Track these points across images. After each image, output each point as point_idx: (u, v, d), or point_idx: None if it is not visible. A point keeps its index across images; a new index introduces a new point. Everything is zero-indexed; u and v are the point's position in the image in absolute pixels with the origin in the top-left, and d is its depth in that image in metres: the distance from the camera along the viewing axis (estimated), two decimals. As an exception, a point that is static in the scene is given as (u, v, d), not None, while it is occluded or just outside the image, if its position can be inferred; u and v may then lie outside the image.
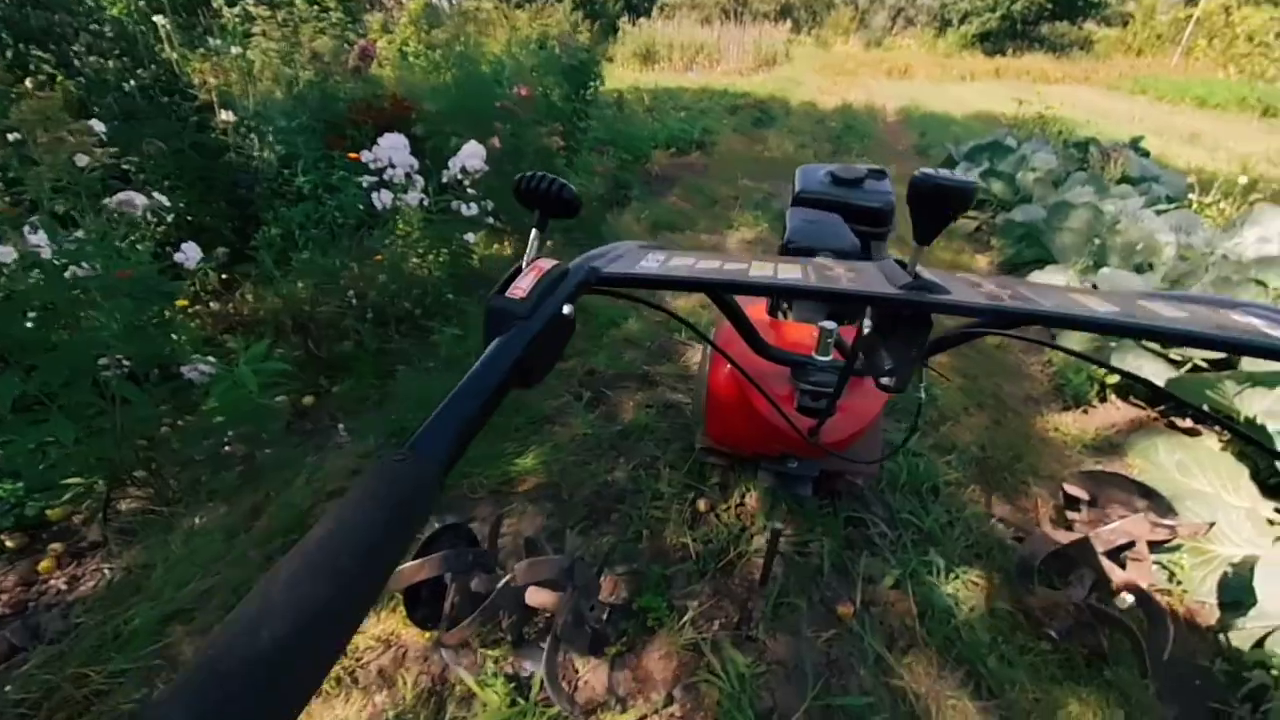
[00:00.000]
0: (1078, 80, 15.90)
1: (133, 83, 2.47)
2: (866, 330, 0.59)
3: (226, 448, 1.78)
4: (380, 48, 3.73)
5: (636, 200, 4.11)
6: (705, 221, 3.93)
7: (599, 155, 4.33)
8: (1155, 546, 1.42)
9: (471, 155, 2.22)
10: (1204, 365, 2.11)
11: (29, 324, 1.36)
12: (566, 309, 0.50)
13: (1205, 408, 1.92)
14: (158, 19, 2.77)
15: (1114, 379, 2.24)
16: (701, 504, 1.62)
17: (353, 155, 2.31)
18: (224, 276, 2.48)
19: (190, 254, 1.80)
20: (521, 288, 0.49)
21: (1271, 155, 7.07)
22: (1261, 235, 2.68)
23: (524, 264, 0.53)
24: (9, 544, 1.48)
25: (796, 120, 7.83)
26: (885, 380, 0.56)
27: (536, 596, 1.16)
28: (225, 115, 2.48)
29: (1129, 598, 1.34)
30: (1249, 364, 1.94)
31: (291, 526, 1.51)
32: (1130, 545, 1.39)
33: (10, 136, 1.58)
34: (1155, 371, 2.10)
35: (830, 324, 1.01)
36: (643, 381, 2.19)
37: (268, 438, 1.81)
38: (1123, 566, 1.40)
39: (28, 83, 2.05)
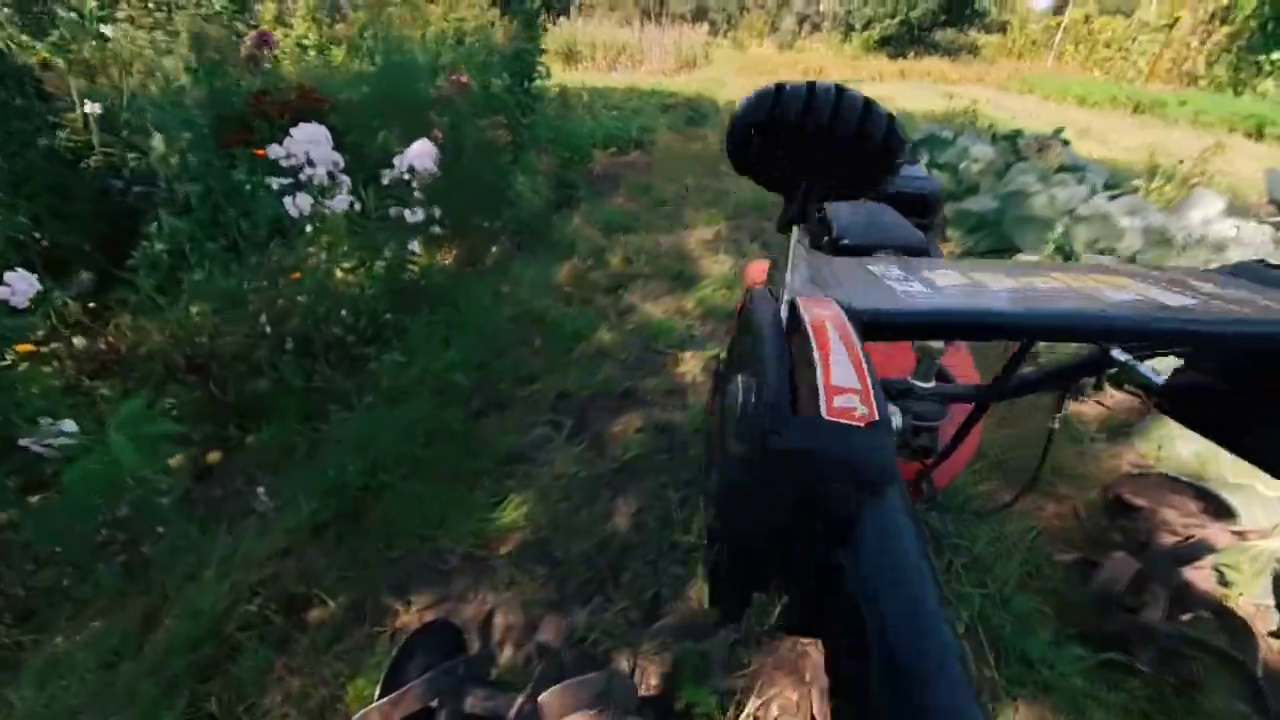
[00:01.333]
0: (973, 81, 17.03)
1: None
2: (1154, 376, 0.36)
3: (102, 532, 1.35)
4: (276, 39, 3.25)
5: (584, 201, 3.82)
6: (659, 222, 3.70)
7: (540, 154, 4.02)
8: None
9: (422, 155, 1.87)
10: None
11: None
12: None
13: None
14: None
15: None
16: (726, 549, 1.37)
17: (259, 151, 1.89)
18: (91, 305, 1.98)
19: (20, 287, 1.23)
20: (854, 387, 0.21)
21: (1151, 146, 7.77)
22: (1204, 216, 2.77)
23: (782, 307, 0.25)
24: None
25: (728, 118, 7.79)
26: None
27: (563, 720, 0.87)
28: (91, 107, 1.99)
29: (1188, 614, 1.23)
30: None
31: (200, 640, 1.13)
32: (1195, 555, 1.29)
33: None
34: None
35: (938, 343, 0.78)
36: (627, 401, 1.92)
37: (161, 511, 1.40)
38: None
39: None
